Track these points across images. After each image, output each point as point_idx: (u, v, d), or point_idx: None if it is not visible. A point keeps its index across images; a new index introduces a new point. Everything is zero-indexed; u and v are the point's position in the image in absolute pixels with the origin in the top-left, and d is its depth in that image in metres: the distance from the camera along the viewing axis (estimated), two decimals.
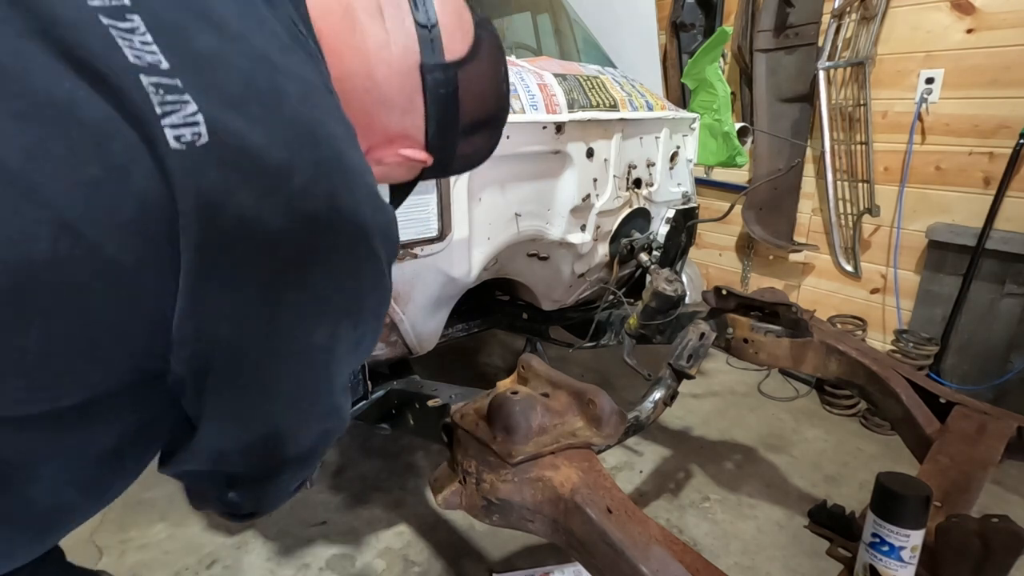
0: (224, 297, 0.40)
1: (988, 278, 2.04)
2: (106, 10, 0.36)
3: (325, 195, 0.43)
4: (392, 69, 0.57)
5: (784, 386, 2.53)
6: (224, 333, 0.41)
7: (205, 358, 0.42)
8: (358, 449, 2.07)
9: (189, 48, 0.39)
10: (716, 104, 1.91)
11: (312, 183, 0.42)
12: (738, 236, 2.88)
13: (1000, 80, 1.94)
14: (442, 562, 1.57)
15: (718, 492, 1.84)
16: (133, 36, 0.36)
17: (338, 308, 0.47)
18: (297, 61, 0.46)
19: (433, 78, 0.59)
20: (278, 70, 0.43)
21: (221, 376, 0.44)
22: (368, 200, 0.47)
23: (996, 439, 1.11)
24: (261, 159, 0.39)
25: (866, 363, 1.35)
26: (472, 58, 0.61)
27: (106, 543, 1.61)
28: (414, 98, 0.59)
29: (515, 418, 0.91)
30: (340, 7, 0.55)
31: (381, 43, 0.56)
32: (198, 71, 0.38)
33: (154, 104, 0.35)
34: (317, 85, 0.47)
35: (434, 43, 0.59)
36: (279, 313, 0.43)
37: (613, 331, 1.91)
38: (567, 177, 1.55)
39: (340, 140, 0.46)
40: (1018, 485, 1.85)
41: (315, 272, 0.43)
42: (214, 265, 0.38)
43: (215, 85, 0.39)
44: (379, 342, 1.40)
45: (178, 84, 0.37)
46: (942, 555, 0.83)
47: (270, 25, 0.46)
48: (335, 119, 0.47)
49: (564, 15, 2.30)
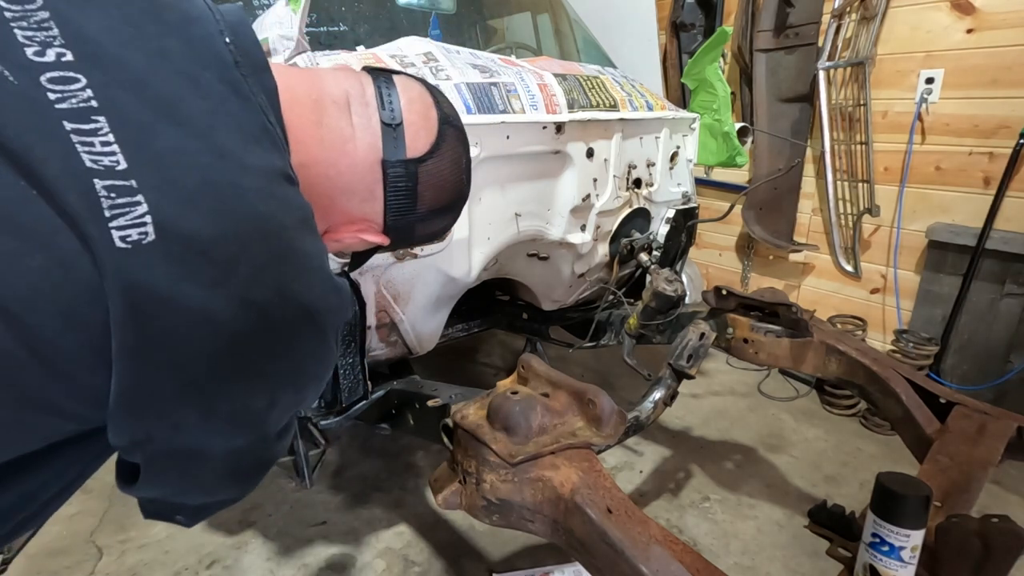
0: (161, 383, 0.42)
1: (988, 278, 2.04)
2: (72, 113, 0.39)
3: (273, 284, 0.46)
4: (355, 162, 0.61)
5: (784, 386, 2.53)
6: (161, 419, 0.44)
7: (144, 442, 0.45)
8: (358, 449, 2.07)
9: (150, 146, 0.41)
10: (716, 104, 1.91)
11: (260, 272, 0.45)
12: (738, 236, 2.88)
13: (1000, 80, 1.94)
14: (442, 562, 1.57)
15: (718, 492, 1.84)
16: (95, 137, 0.39)
17: (280, 382, 0.51)
18: (260, 153, 0.48)
19: (394, 173, 0.63)
20: (238, 165, 0.45)
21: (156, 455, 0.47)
22: (318, 285, 0.50)
23: (996, 439, 1.11)
24: (210, 252, 0.41)
25: (866, 363, 1.35)
26: (433, 154, 0.65)
27: (106, 543, 1.61)
28: (375, 189, 0.63)
29: (515, 418, 0.91)
30: (310, 100, 0.58)
31: (346, 137, 0.60)
32: (156, 169, 0.41)
33: (103, 208, 0.38)
34: (276, 177, 0.49)
35: (397, 141, 0.63)
36: (218, 393, 0.46)
37: (613, 331, 1.91)
38: (567, 177, 1.55)
39: (292, 230, 0.48)
40: (1018, 485, 1.85)
41: (256, 353, 0.46)
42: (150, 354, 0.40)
43: (171, 182, 0.41)
44: (379, 342, 1.41)
45: (132, 185, 0.39)
46: (942, 555, 0.83)
47: (238, 119, 0.48)
48: (289, 208, 0.49)
49: (564, 15, 2.30)
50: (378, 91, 0.63)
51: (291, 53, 1.10)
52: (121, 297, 0.38)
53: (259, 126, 0.49)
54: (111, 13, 0.43)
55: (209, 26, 0.49)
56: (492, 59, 1.47)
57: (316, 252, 0.52)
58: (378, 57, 1.30)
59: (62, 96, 0.39)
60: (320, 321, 0.51)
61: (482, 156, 1.31)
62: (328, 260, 0.54)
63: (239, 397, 0.48)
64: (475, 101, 1.30)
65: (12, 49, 0.38)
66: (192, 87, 0.45)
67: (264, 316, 0.45)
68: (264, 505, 1.77)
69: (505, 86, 1.37)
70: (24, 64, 0.38)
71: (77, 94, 0.39)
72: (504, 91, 1.37)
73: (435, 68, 1.32)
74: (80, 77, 0.40)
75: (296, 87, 0.57)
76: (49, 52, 0.39)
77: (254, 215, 0.45)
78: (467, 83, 1.32)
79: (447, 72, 1.32)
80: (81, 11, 0.41)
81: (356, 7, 1.86)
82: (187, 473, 0.52)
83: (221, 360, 0.44)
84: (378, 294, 1.32)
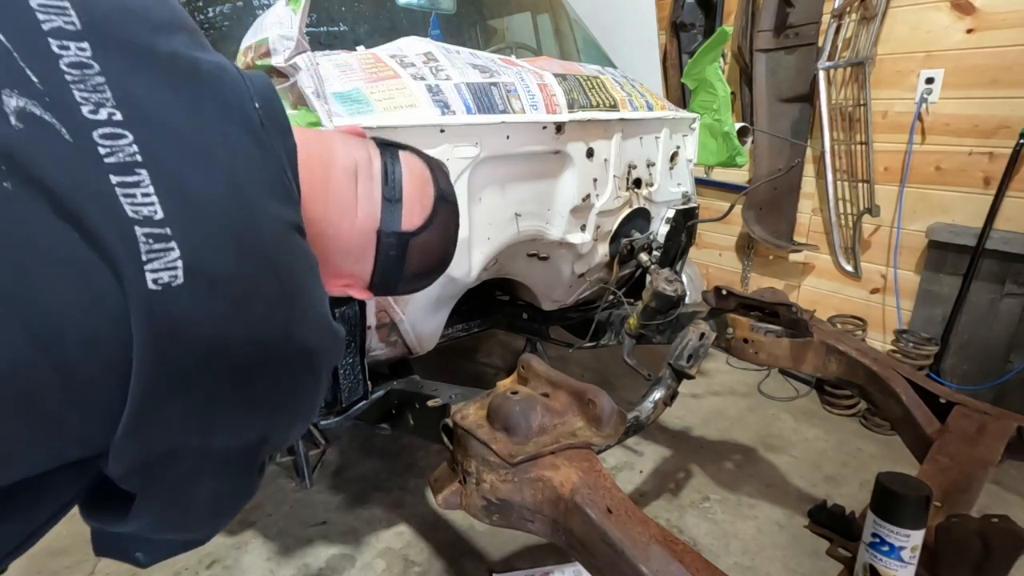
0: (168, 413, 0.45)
1: (988, 278, 2.04)
2: (118, 166, 0.44)
3: (281, 324, 0.51)
4: (353, 227, 0.67)
5: (784, 386, 2.53)
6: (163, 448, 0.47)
7: (143, 470, 0.48)
8: (358, 449, 2.07)
9: (185, 197, 0.46)
10: (716, 104, 1.91)
11: (271, 312, 0.49)
12: (738, 236, 2.88)
13: (1000, 80, 1.94)
14: (442, 562, 1.57)
15: (718, 492, 1.84)
16: (137, 189, 0.44)
17: (274, 418, 0.55)
18: (277, 205, 0.53)
19: (387, 242, 0.69)
20: (258, 215, 0.51)
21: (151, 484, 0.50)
22: (319, 328, 0.55)
23: (996, 439, 1.11)
24: (228, 291, 0.46)
25: (866, 363, 1.35)
26: (425, 228, 0.72)
27: None
28: (367, 253, 0.70)
29: (515, 418, 0.91)
30: (322, 164, 0.64)
31: (349, 204, 0.66)
32: (188, 217, 0.45)
33: (142, 252, 0.42)
34: (290, 228, 0.54)
35: (394, 215, 0.69)
36: (218, 425, 0.50)
37: (613, 331, 1.91)
38: (567, 177, 1.55)
39: (301, 276, 0.54)
40: (1018, 485, 1.85)
41: (256, 387, 0.51)
42: (163, 384, 0.44)
43: (201, 231, 0.46)
44: (379, 342, 1.41)
45: (167, 232, 0.44)
46: (942, 555, 0.83)
47: (260, 174, 0.53)
48: (300, 256, 0.55)
49: (564, 15, 2.30)
50: (384, 166, 0.70)
51: (291, 53, 1.10)
52: (146, 329, 0.42)
53: (279, 181, 0.55)
54: (158, 78, 0.48)
55: (240, 91, 0.55)
56: (492, 59, 1.47)
57: (320, 297, 0.57)
58: (378, 57, 1.30)
59: (111, 151, 0.44)
60: (317, 362, 0.55)
61: (482, 156, 1.31)
62: (328, 306, 0.58)
63: (236, 430, 0.51)
64: (475, 101, 1.30)
65: (70, 108, 0.43)
66: (223, 143, 0.51)
67: (269, 353, 0.50)
68: (264, 505, 1.77)
69: (505, 86, 1.37)
70: (80, 121, 0.43)
71: (124, 148, 0.44)
72: (504, 91, 1.37)
73: (435, 68, 1.32)
74: (127, 134, 0.45)
75: (312, 150, 0.63)
76: (102, 111, 0.44)
77: (269, 260, 0.50)
78: (467, 83, 1.32)
79: (447, 72, 1.32)
80: (131, 76, 0.47)
81: (356, 7, 1.86)
82: (174, 505, 0.54)
83: (225, 392, 0.48)
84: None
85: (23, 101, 0.42)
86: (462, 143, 1.27)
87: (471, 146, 1.29)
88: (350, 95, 1.16)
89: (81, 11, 0.46)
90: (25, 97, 0.42)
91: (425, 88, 1.25)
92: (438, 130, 1.22)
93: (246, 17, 1.54)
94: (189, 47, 0.52)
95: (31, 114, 0.42)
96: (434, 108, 1.23)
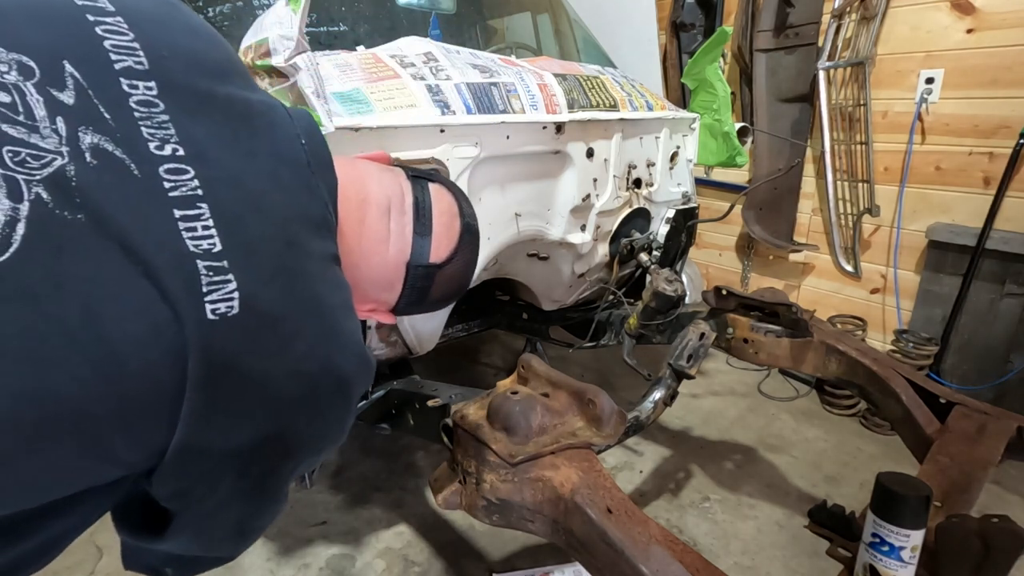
0: (214, 442, 0.47)
1: (988, 278, 2.04)
2: (181, 200, 0.46)
3: (321, 358, 0.53)
4: (385, 261, 0.70)
5: (784, 386, 2.53)
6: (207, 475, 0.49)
7: (185, 495, 0.50)
8: (358, 449, 2.07)
9: (241, 232, 0.48)
10: (716, 104, 1.91)
11: (312, 348, 0.52)
12: (738, 236, 2.88)
13: (1000, 80, 1.94)
14: (442, 562, 1.57)
15: (718, 492, 1.84)
16: (198, 222, 0.46)
17: (307, 447, 0.57)
18: (319, 240, 0.56)
19: (415, 274, 0.72)
20: (304, 252, 0.53)
21: (196, 510, 0.53)
22: (353, 359, 0.57)
23: (996, 439, 1.11)
24: (275, 327, 0.49)
25: (866, 363, 1.35)
26: (452, 260, 0.75)
27: (106, 543, 1.61)
28: (395, 284, 0.72)
29: (515, 418, 0.91)
30: (357, 198, 0.67)
31: (381, 239, 0.69)
32: (243, 252, 0.48)
33: (203, 284, 0.45)
34: (330, 261, 0.57)
35: (424, 248, 0.72)
36: (260, 455, 0.52)
37: (613, 331, 1.91)
38: (567, 177, 1.55)
39: (338, 310, 0.56)
40: (1018, 485, 1.85)
41: (297, 420, 0.53)
42: (212, 414, 0.46)
43: (254, 265, 0.48)
44: (379, 342, 1.41)
45: (225, 265, 0.46)
46: (942, 555, 0.83)
47: (306, 211, 0.56)
48: (338, 289, 0.58)
49: (564, 15, 2.30)
50: (415, 201, 0.72)
51: (291, 53, 1.10)
52: (202, 362, 0.44)
53: (321, 217, 0.57)
54: (216, 119, 0.51)
55: (289, 131, 0.58)
56: (492, 59, 1.47)
57: (354, 329, 0.59)
58: (378, 57, 1.30)
59: (175, 185, 0.46)
60: (351, 392, 0.58)
61: (482, 156, 1.31)
62: (361, 336, 0.60)
63: (275, 455, 0.54)
64: (475, 101, 1.30)
65: (139, 144, 0.46)
66: (274, 182, 0.53)
67: (308, 386, 0.52)
68: None
69: (505, 86, 1.37)
70: (147, 157, 0.46)
71: (187, 183, 0.47)
72: (504, 91, 1.37)
73: (435, 68, 1.32)
74: (189, 169, 0.47)
75: (348, 185, 0.65)
76: (167, 147, 0.47)
77: (312, 296, 0.53)
78: (467, 83, 1.32)
79: (447, 72, 1.32)
80: (192, 117, 0.49)
81: (356, 7, 1.86)
82: (205, 527, 0.56)
83: (268, 423, 0.50)
84: None
85: (97, 138, 0.44)
86: (462, 143, 1.27)
87: (471, 146, 1.29)
88: (350, 95, 1.16)
89: (148, 52, 0.49)
90: (99, 134, 0.44)
91: (425, 88, 1.25)
92: (438, 130, 1.22)
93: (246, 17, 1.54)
94: (242, 89, 0.55)
95: (104, 150, 0.44)
96: (434, 108, 1.23)
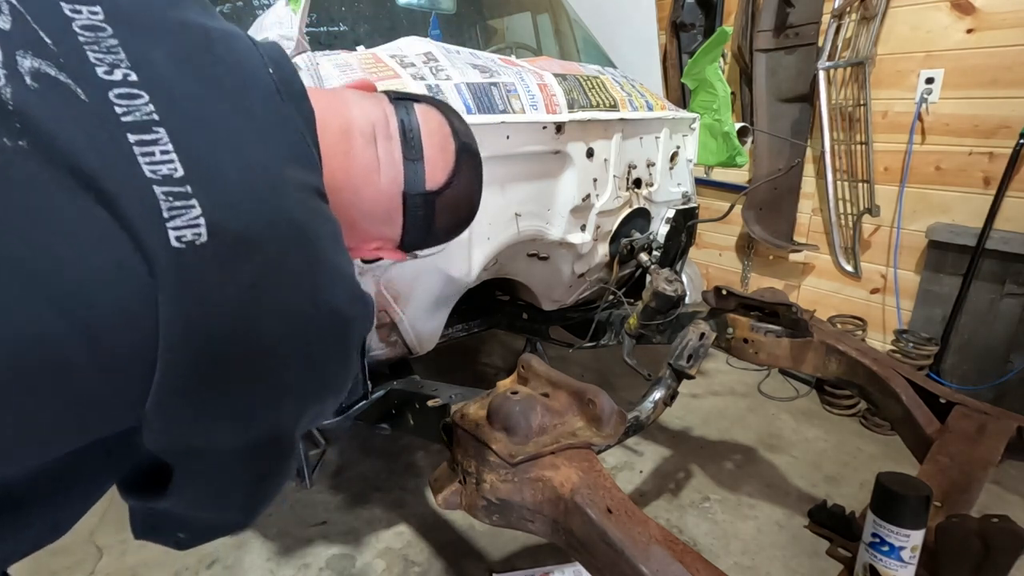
0: (203, 384, 0.44)
1: (988, 278, 2.04)
2: (136, 125, 0.43)
3: (308, 291, 0.49)
4: (378, 192, 0.65)
5: (784, 386, 2.53)
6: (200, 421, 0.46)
7: (180, 447, 0.47)
8: (358, 449, 2.07)
9: (203, 156, 0.45)
10: (716, 104, 1.91)
11: (297, 280, 0.48)
12: (738, 236, 2.88)
13: (1000, 80, 1.94)
14: (442, 562, 1.57)
15: (718, 492, 1.84)
16: (156, 147, 0.43)
17: (308, 390, 0.53)
18: (297, 169, 0.52)
19: (413, 203, 0.67)
20: (278, 177, 0.49)
21: (194, 464, 0.50)
22: (347, 295, 0.53)
23: (996, 439, 1.11)
24: (251, 256, 0.45)
25: (866, 363, 1.35)
26: (450, 185, 0.69)
27: (106, 543, 1.61)
28: (395, 216, 0.68)
29: (515, 418, 0.91)
30: (339, 128, 0.62)
31: (371, 168, 0.64)
32: (208, 176, 0.44)
33: (163, 210, 0.41)
34: (312, 192, 0.53)
35: (417, 175, 0.66)
36: (254, 399, 0.48)
37: (613, 331, 1.91)
38: (567, 177, 1.55)
39: (326, 241, 0.52)
40: (1018, 485, 1.85)
41: (290, 360, 0.49)
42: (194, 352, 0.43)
43: (221, 187, 0.45)
44: (379, 342, 1.41)
45: (188, 191, 0.43)
46: (942, 555, 0.83)
47: (277, 139, 0.52)
48: (323, 221, 0.53)
49: (564, 15, 2.30)
50: (400, 124, 0.66)
51: (291, 53, 1.10)
52: (173, 296, 0.41)
53: (296, 146, 0.53)
54: (170, 43, 0.48)
55: (254, 59, 0.54)
56: (492, 59, 1.47)
57: (346, 263, 0.55)
58: (378, 57, 1.30)
59: (127, 110, 0.43)
60: (346, 331, 0.54)
61: (482, 156, 1.31)
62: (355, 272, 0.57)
63: (269, 403, 0.50)
64: (475, 101, 1.30)
65: (85, 69, 0.43)
66: (238, 109, 0.50)
67: (296, 322, 0.48)
68: None
69: (505, 86, 1.37)
70: (95, 82, 0.43)
71: (141, 108, 0.43)
72: (504, 91, 1.37)
73: (435, 68, 1.32)
74: (143, 94, 0.44)
75: (327, 115, 0.60)
76: (117, 72, 0.44)
77: (292, 223, 0.48)
78: (467, 83, 1.32)
79: (447, 72, 1.32)
80: (143, 42, 0.46)
81: (356, 7, 1.86)
82: (211, 481, 0.54)
83: (255, 363, 0.47)
84: (378, 294, 1.32)
85: (37, 62, 0.41)
86: None
87: None
88: None
89: None
90: (39, 58, 0.41)
91: (425, 88, 1.25)
92: None
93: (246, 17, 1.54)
94: (199, 15, 0.52)
95: (46, 74, 0.41)
96: None
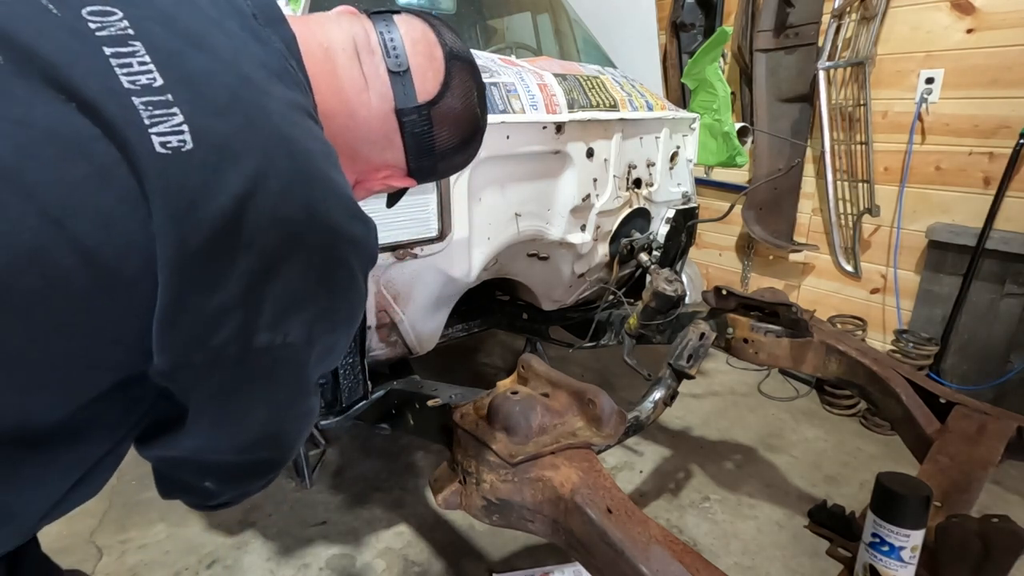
0: (202, 296, 0.43)
1: (988, 278, 2.04)
2: (111, 39, 0.42)
3: (301, 202, 0.47)
4: (371, 112, 0.62)
5: (784, 386, 2.53)
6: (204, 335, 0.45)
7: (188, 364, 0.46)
8: (358, 449, 2.07)
9: (182, 67, 0.44)
10: (716, 104, 1.91)
11: (288, 189, 0.46)
12: (738, 236, 2.88)
13: (1000, 80, 1.94)
14: (442, 562, 1.57)
15: (718, 492, 1.84)
16: (132, 59, 0.42)
17: (312, 309, 0.51)
18: (283, 88, 0.51)
19: (408, 120, 0.64)
20: (262, 91, 0.48)
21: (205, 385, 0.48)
22: (343, 211, 0.51)
23: (996, 439, 1.11)
24: (239, 162, 0.43)
25: (866, 363, 1.35)
26: (444, 95, 0.65)
27: (106, 543, 1.61)
28: (393, 137, 0.64)
29: (515, 418, 0.91)
30: (321, 50, 0.60)
31: (360, 87, 0.61)
32: (188, 85, 0.43)
33: (143, 117, 0.41)
34: (300, 110, 0.51)
35: (406, 88, 0.63)
36: (256, 312, 0.46)
37: (613, 331, 1.91)
38: (567, 177, 1.55)
39: (317, 156, 0.50)
40: (1018, 485, 1.85)
41: (289, 272, 0.47)
42: (191, 263, 0.42)
43: (203, 96, 0.44)
44: (379, 342, 1.41)
45: (168, 99, 0.42)
46: (942, 555, 0.83)
47: (259, 58, 0.51)
48: (314, 138, 0.51)
49: (564, 15, 2.30)
50: (381, 37, 0.63)
51: None
52: (162, 204, 0.40)
53: (280, 66, 0.52)
54: None
55: None
56: (492, 59, 1.47)
57: (342, 182, 0.52)
58: None
59: (101, 25, 0.42)
60: (347, 250, 0.52)
61: (482, 156, 1.31)
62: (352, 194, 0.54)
63: (275, 322, 0.48)
64: None
65: None
66: (216, 27, 0.49)
67: (293, 234, 0.46)
68: (264, 505, 1.77)
69: (505, 86, 1.37)
70: (68, 2, 0.42)
71: (115, 24, 0.43)
72: (504, 91, 1.37)
73: None
74: (116, 11, 0.44)
75: (308, 39, 0.58)
76: None
77: (280, 134, 0.47)
78: None
79: None
80: None
81: (356, 7, 1.86)
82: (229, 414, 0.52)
83: (255, 277, 0.45)
84: (378, 294, 1.32)
85: None
86: None
87: None
88: None
89: None
90: None
91: None
92: None
93: None
94: None
95: None
96: None
